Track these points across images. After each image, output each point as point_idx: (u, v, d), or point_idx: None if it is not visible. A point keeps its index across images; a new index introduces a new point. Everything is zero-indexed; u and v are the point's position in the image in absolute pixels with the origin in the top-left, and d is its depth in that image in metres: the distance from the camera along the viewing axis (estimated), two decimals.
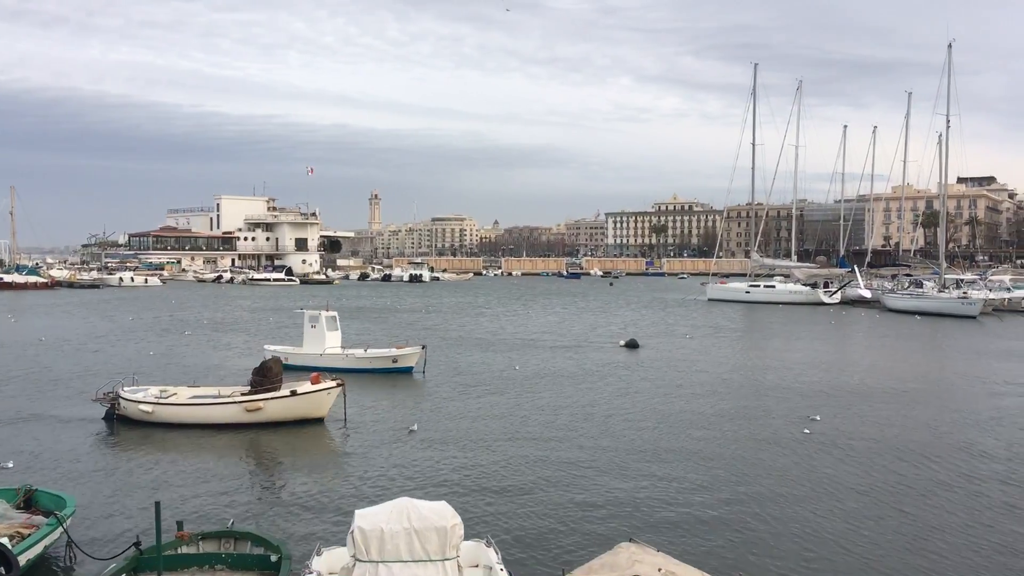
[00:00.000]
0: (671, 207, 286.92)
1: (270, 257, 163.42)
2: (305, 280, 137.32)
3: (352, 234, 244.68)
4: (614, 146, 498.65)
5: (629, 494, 17.37)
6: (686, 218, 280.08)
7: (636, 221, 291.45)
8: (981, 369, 36.69)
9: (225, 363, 36.85)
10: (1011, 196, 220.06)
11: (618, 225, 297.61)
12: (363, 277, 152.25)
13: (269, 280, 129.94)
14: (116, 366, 34.75)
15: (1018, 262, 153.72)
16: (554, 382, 32.11)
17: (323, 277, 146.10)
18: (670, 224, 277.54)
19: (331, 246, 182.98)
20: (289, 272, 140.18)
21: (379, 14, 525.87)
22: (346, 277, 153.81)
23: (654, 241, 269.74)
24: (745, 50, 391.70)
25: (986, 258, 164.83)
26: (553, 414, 25.79)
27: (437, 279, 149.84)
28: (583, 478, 18.56)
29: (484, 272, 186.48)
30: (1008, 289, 79.52)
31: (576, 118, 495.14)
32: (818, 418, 24.40)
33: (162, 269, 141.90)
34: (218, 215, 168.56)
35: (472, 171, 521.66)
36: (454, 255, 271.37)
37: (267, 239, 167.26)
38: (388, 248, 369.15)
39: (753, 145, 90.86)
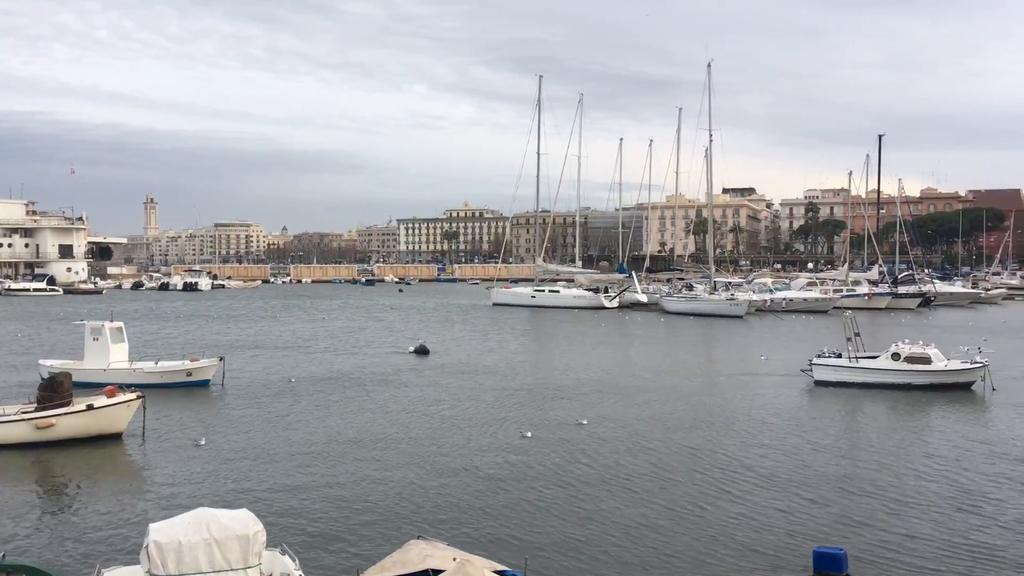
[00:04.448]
0: (462, 214, 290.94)
1: (30, 265, 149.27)
2: (71, 290, 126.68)
3: (125, 240, 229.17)
4: (408, 153, 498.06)
5: (416, 493, 18.02)
6: (477, 225, 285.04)
7: (428, 228, 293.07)
8: (740, 363, 40.14)
9: None
10: (768, 206, 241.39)
11: (410, 232, 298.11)
12: (137, 286, 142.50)
13: (28, 290, 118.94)
14: None
15: (776, 266, 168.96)
16: (343, 389, 32.16)
17: (91, 286, 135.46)
18: (462, 231, 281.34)
19: (101, 253, 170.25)
20: (52, 281, 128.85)
21: (158, 9, 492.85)
22: (118, 286, 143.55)
23: (446, 247, 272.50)
24: (534, 63, 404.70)
25: (748, 263, 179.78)
26: (342, 420, 26.03)
27: (222, 287, 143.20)
28: (371, 481, 18.99)
29: (272, 280, 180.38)
30: (770, 291, 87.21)
31: (370, 124, 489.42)
32: (585, 422, 25.57)
33: None
34: None
35: (260, 176, 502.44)
36: (240, 262, 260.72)
37: (26, 246, 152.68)
38: (166, 255, 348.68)
39: (538, 154, 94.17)
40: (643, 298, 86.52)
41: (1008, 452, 21.97)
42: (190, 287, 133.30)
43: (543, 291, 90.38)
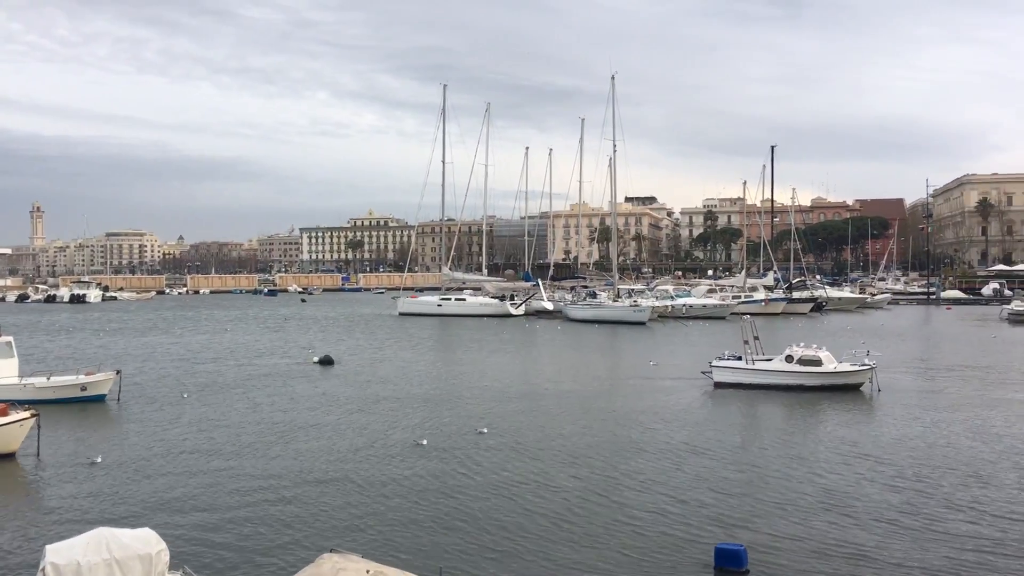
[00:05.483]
0: (367, 222, 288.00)
1: None
2: None
3: (9, 251, 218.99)
4: (311, 161, 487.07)
5: (327, 506, 17.83)
6: (382, 233, 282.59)
7: (332, 236, 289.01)
8: (644, 368, 40.92)
9: None
10: (669, 214, 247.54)
11: (313, 240, 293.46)
12: (22, 298, 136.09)
13: None
14: None
15: (677, 273, 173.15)
16: (245, 401, 31.55)
17: None
18: (366, 239, 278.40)
19: None
20: None
21: (47, 11, 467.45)
22: (1, 299, 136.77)
23: (351, 256, 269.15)
24: (439, 71, 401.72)
25: (650, 270, 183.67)
26: (245, 433, 25.53)
27: (114, 299, 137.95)
28: (277, 495, 18.70)
29: (168, 290, 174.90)
30: (671, 297, 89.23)
31: (270, 131, 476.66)
32: (485, 431, 25.63)
33: None
34: None
35: (154, 183, 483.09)
36: (133, 273, 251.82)
37: None
38: (54, 266, 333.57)
39: (443, 163, 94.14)
40: (549, 306, 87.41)
41: (871, 453, 23.10)
42: (78, 299, 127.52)
43: (449, 300, 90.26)
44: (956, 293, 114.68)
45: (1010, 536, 15.85)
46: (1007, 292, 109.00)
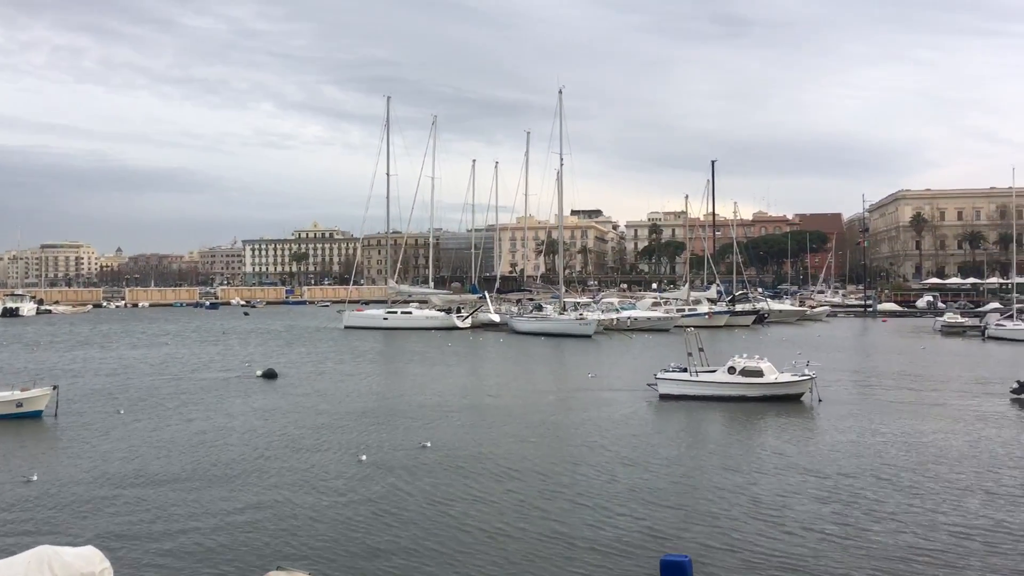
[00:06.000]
0: (312, 235, 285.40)
1: None
2: None
3: None
4: (255, 172, 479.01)
5: (274, 522, 17.67)
6: (327, 245, 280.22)
7: (276, 249, 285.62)
8: (590, 380, 41.26)
9: None
10: (615, 228, 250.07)
11: (257, 253, 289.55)
12: None
13: None
14: None
15: (622, 286, 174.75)
16: (185, 416, 31.07)
17: None
18: (311, 252, 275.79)
19: None
20: None
21: None
22: None
23: (295, 269, 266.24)
24: (385, 83, 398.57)
25: (596, 283, 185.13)
26: (186, 450, 25.13)
27: (48, 312, 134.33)
28: (221, 511, 18.51)
29: (105, 304, 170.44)
30: (617, 310, 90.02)
31: (214, 141, 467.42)
32: (428, 444, 25.61)
33: None
34: None
35: (93, 194, 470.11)
36: (69, 285, 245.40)
37: None
38: None
39: (388, 175, 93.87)
40: (496, 318, 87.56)
41: (807, 464, 23.73)
42: (10, 312, 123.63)
43: (395, 312, 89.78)
44: (892, 306, 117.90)
45: (934, 544, 16.40)
46: (940, 305, 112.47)
